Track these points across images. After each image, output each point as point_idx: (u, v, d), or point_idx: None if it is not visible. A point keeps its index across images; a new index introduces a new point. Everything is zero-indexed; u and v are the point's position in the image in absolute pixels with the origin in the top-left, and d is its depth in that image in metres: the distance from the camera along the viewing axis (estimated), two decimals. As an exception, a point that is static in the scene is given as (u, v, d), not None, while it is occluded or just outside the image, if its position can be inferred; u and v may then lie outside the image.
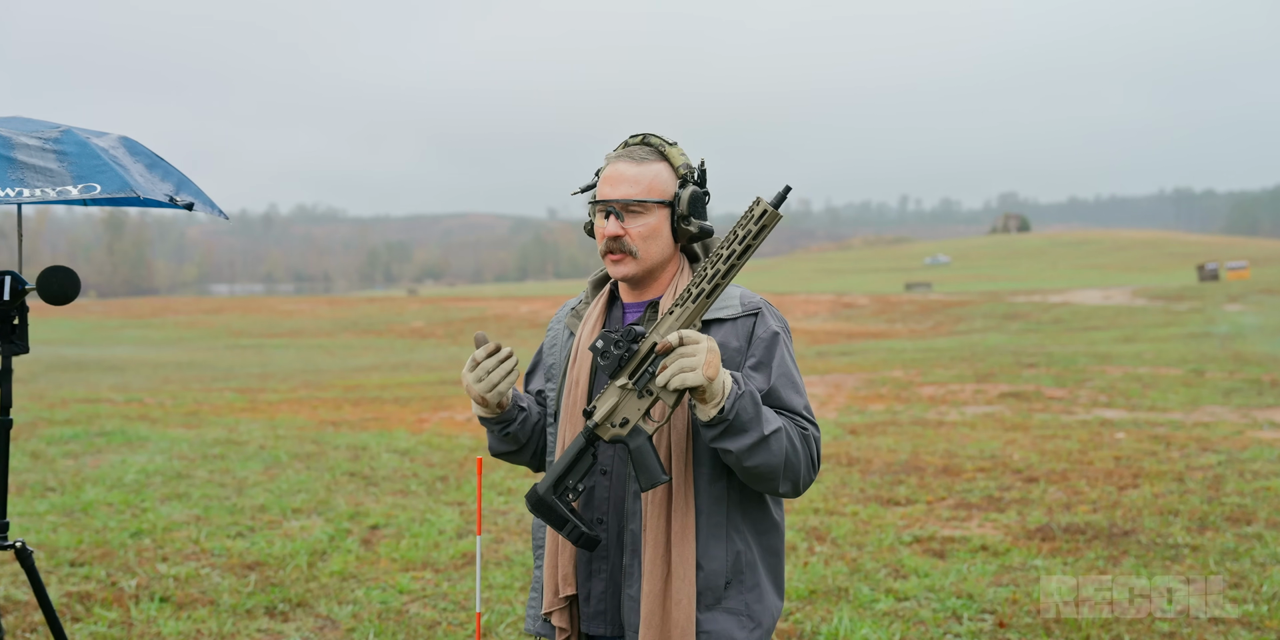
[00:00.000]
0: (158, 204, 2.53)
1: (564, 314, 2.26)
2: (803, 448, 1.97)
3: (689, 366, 1.80)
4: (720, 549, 2.02)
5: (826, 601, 4.70)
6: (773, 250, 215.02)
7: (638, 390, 1.90)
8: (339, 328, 38.18)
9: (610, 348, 1.89)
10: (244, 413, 11.91)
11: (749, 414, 1.86)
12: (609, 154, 2.12)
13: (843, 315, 37.52)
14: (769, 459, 1.90)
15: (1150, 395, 11.76)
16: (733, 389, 1.86)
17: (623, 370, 1.90)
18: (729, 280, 1.85)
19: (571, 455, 1.96)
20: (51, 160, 2.31)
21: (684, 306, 1.87)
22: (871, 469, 7.75)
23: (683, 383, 1.80)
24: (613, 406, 1.92)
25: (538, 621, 2.18)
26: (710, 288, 1.85)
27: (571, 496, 1.96)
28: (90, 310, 51.95)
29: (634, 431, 1.91)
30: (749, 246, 1.81)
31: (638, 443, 1.90)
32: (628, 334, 1.89)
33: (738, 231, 1.82)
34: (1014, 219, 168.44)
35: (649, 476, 1.89)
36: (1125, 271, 74.03)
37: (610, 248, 2.05)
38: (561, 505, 1.96)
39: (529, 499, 1.98)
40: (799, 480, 1.97)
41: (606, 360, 1.89)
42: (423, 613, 4.64)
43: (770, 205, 1.79)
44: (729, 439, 1.87)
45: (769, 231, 1.80)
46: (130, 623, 4.46)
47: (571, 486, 1.96)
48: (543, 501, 1.96)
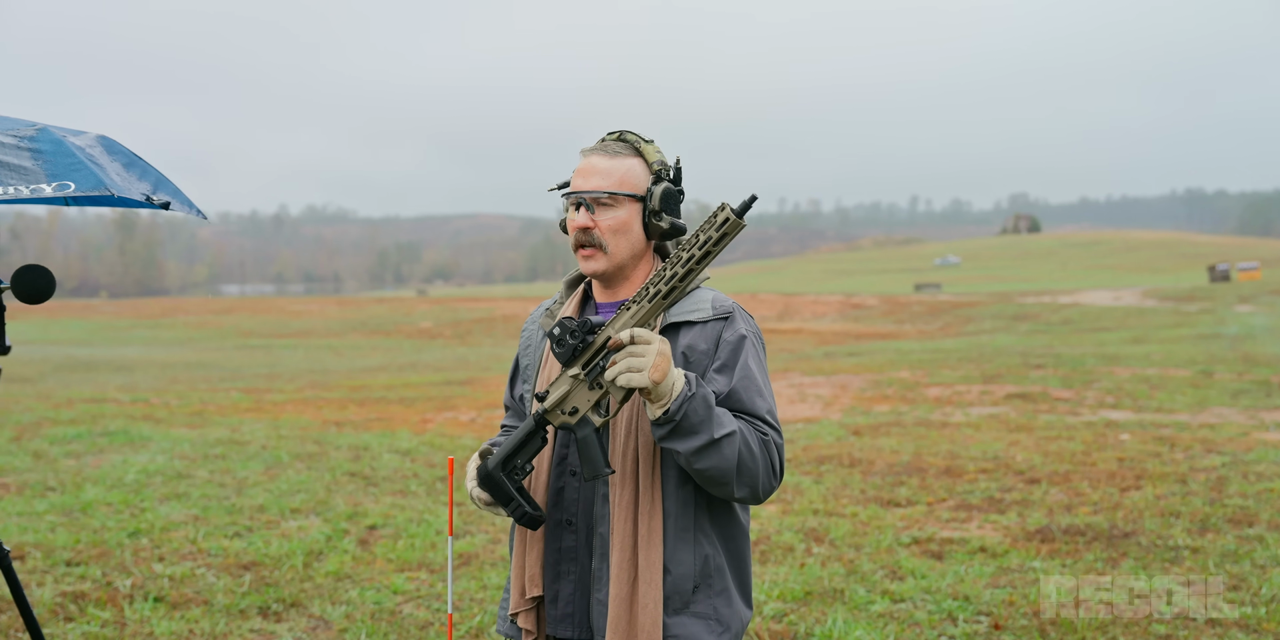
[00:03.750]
0: (134, 203, 2.52)
1: (538, 314, 2.25)
2: (761, 453, 1.94)
3: (636, 367, 1.80)
4: (688, 553, 2.00)
5: (821, 603, 4.68)
6: (782, 251, 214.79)
7: (589, 381, 1.92)
8: (347, 328, 38.24)
9: (566, 337, 1.91)
10: (249, 413, 11.92)
11: (698, 416, 1.85)
12: (584, 149, 2.11)
13: (851, 316, 37.46)
14: (720, 462, 1.88)
15: (1157, 396, 11.69)
16: (682, 391, 1.85)
17: (576, 360, 1.92)
18: (686, 284, 1.85)
19: (521, 436, 1.99)
20: (26, 158, 2.31)
21: (639, 305, 1.87)
22: (873, 470, 7.72)
23: (628, 382, 1.81)
24: (564, 394, 1.94)
25: (507, 622, 2.17)
26: (667, 289, 1.85)
27: (519, 475, 2.00)
28: (101, 310, 52.18)
29: (582, 421, 1.93)
30: (709, 252, 1.81)
31: (584, 432, 1.92)
32: (584, 325, 1.90)
33: (699, 235, 1.82)
34: (1024, 220, 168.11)
35: (592, 467, 1.91)
36: (1136, 272, 73.76)
37: (580, 240, 2.05)
38: (508, 483, 1.99)
39: (478, 473, 2.04)
40: (757, 486, 1.94)
41: (561, 348, 1.91)
42: (416, 613, 4.63)
43: (734, 213, 1.79)
44: (676, 439, 1.87)
45: (730, 239, 1.81)
46: (123, 622, 4.46)
47: (520, 466, 2.00)
48: (490, 477, 2.01)
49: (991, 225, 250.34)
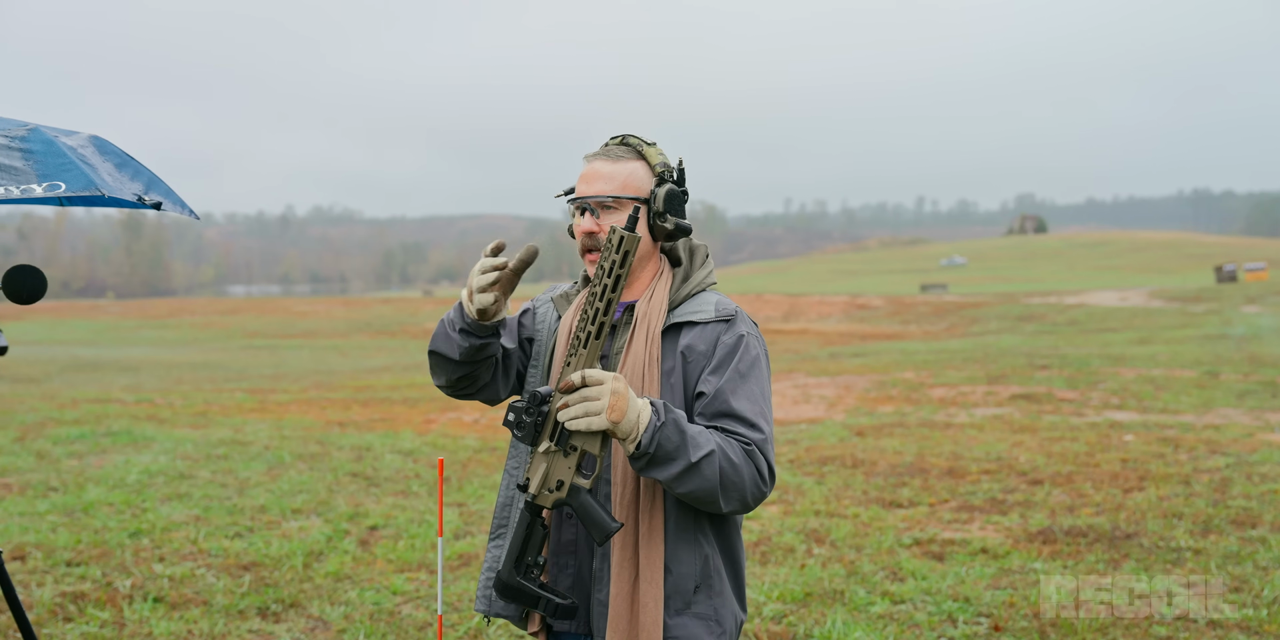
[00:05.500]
0: (126, 203, 2.52)
1: (552, 294, 2.26)
2: (745, 464, 1.92)
3: (593, 410, 1.80)
4: (689, 552, 2.00)
5: (821, 604, 4.66)
6: (788, 251, 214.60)
7: (562, 450, 1.89)
8: (353, 328, 38.30)
9: (521, 417, 1.89)
10: (252, 413, 11.94)
11: (672, 444, 1.84)
12: (587, 155, 2.14)
13: (856, 316, 37.43)
14: (702, 484, 1.87)
15: (1162, 397, 11.66)
16: (650, 421, 1.83)
17: (541, 435, 1.90)
18: (610, 316, 1.85)
19: (523, 533, 1.96)
20: (17, 158, 2.31)
21: (577, 354, 1.87)
22: (876, 471, 7.70)
23: (588, 426, 1.80)
24: (544, 474, 1.91)
25: (487, 601, 2.14)
26: (596, 329, 1.86)
27: (535, 572, 1.96)
28: (108, 311, 52.31)
29: (572, 490, 1.90)
30: (619, 276, 1.83)
31: (579, 501, 1.89)
32: (534, 398, 1.89)
33: (603, 265, 1.84)
34: (1031, 220, 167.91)
35: (600, 530, 1.87)
36: (1143, 273, 73.62)
37: (587, 245, 2.07)
38: (529, 584, 1.95)
39: (496, 587, 1.98)
40: (745, 498, 1.93)
41: (522, 431, 1.89)
42: (415, 614, 4.63)
43: (623, 230, 1.82)
44: (654, 470, 1.86)
45: (633, 254, 1.83)
46: (122, 623, 4.46)
47: (533, 562, 1.96)
48: (509, 586, 1.95)
49: (998, 226, 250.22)
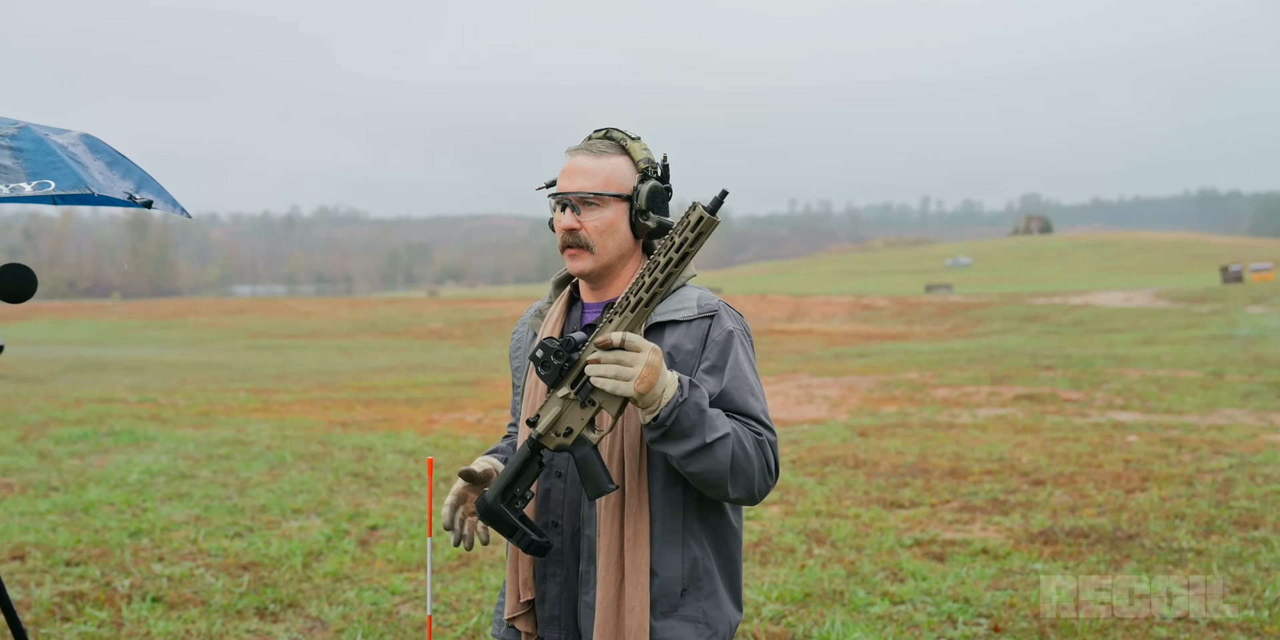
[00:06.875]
0: (116, 202, 2.52)
1: (528, 316, 2.22)
2: (756, 454, 1.90)
3: (624, 376, 1.77)
4: (675, 555, 1.97)
5: (820, 604, 4.65)
6: (793, 252, 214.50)
7: (580, 400, 1.87)
8: (357, 329, 38.32)
9: (550, 358, 1.86)
10: (255, 413, 11.95)
11: (690, 421, 1.81)
12: (569, 148, 2.08)
13: (861, 317, 37.38)
14: (713, 465, 1.85)
15: (1167, 398, 11.63)
16: (674, 396, 1.81)
17: (564, 380, 1.87)
18: (667, 288, 1.81)
19: (518, 464, 1.95)
20: (7, 156, 2.30)
21: (622, 314, 1.83)
22: (878, 471, 7.68)
23: (614, 389, 1.77)
24: (556, 416, 1.89)
25: (502, 626, 2.15)
26: (649, 296, 1.80)
27: (520, 504, 1.95)
28: (113, 311, 52.39)
29: (578, 441, 1.88)
30: (686, 253, 1.77)
31: (582, 452, 1.87)
32: (567, 344, 1.85)
33: (674, 238, 1.77)
34: (1036, 220, 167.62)
35: (595, 486, 1.86)
36: (1148, 273, 73.46)
37: (567, 241, 2.02)
38: (510, 513, 1.94)
39: (478, 506, 1.97)
40: (752, 487, 1.91)
41: (547, 371, 1.87)
42: (413, 614, 4.62)
43: (706, 211, 1.73)
44: (668, 444, 1.83)
45: (706, 238, 1.76)
46: (120, 623, 4.46)
47: (519, 494, 1.94)
48: (491, 509, 1.95)
49: (1003, 226, 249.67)
